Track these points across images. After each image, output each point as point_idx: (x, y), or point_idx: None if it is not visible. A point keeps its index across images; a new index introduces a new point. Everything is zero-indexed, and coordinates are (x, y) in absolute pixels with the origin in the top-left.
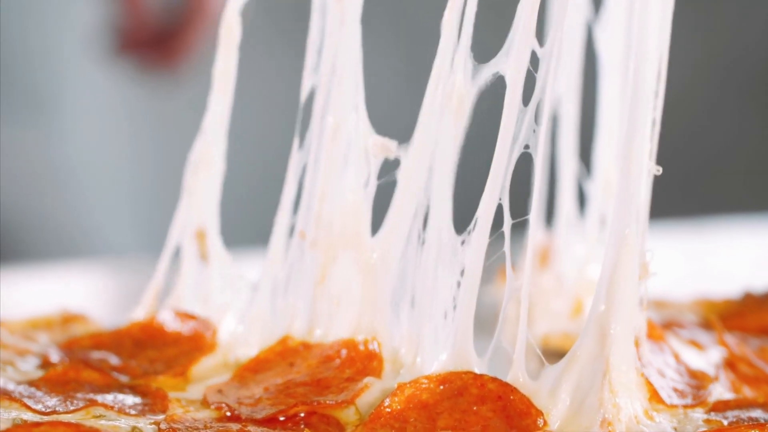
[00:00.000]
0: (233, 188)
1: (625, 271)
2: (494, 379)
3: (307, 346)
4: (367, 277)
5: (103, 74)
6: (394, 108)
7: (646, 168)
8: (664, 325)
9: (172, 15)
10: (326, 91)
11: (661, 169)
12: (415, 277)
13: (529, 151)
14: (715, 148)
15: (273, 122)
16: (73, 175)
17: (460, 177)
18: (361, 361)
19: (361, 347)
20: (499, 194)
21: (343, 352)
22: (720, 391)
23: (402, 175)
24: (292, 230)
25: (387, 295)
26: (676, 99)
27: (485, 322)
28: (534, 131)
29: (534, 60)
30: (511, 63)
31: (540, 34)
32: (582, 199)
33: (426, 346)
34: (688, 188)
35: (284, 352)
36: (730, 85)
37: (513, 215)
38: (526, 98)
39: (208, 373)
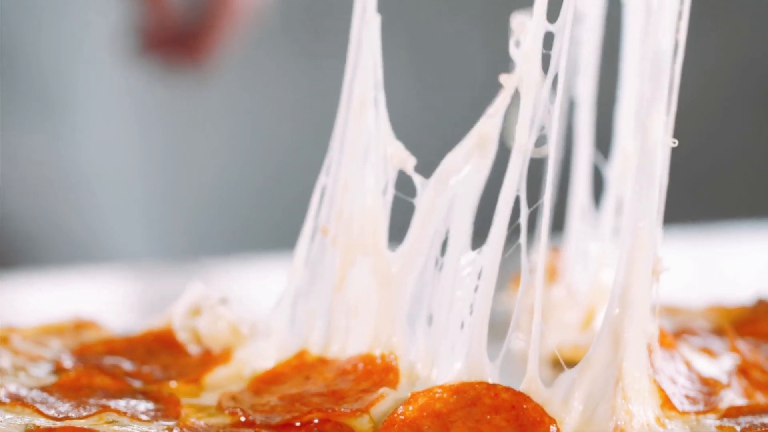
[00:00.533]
0: (246, 192)
1: (639, 269)
2: (507, 389)
3: (323, 361)
4: (384, 290)
5: (117, 77)
6: (403, 109)
7: (663, 140)
8: (676, 333)
9: (195, 13)
10: (350, 80)
11: (677, 141)
12: (432, 294)
13: (545, 132)
14: (726, 153)
15: (286, 128)
16: (85, 179)
17: None
18: (378, 374)
19: (379, 361)
20: (518, 184)
21: (360, 366)
22: (732, 397)
23: (420, 205)
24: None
25: (404, 310)
26: (687, 105)
27: (499, 329)
28: (548, 111)
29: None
30: (523, 46)
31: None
32: (596, 195)
33: (442, 361)
34: (699, 193)
35: (300, 366)
36: (742, 91)
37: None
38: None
39: (222, 383)
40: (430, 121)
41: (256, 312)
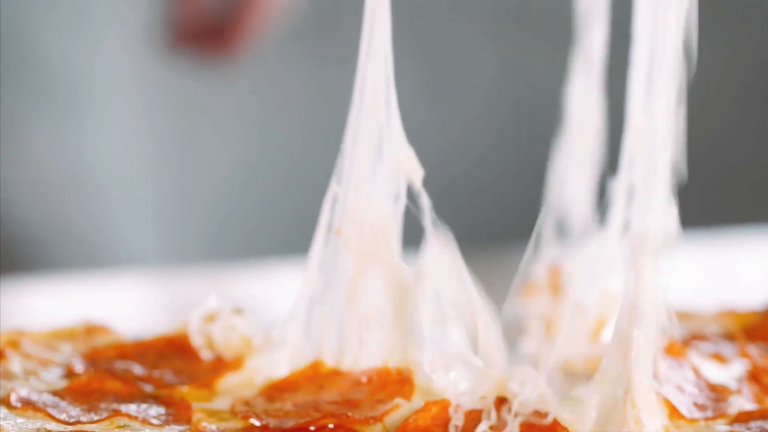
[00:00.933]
0: (258, 195)
1: (647, 279)
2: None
3: (337, 373)
4: (398, 302)
5: (128, 79)
6: (413, 112)
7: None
8: (687, 338)
9: (227, 5)
10: (362, 78)
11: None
12: (444, 306)
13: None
14: (738, 157)
15: (298, 132)
16: (97, 183)
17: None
18: (393, 386)
19: (394, 373)
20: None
21: (375, 378)
22: (741, 402)
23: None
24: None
25: (418, 322)
26: (700, 108)
27: (511, 336)
28: None
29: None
30: None
31: None
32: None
33: (456, 375)
34: (711, 198)
35: (314, 377)
36: (756, 95)
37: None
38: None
39: (234, 389)
40: (439, 123)
41: (269, 317)
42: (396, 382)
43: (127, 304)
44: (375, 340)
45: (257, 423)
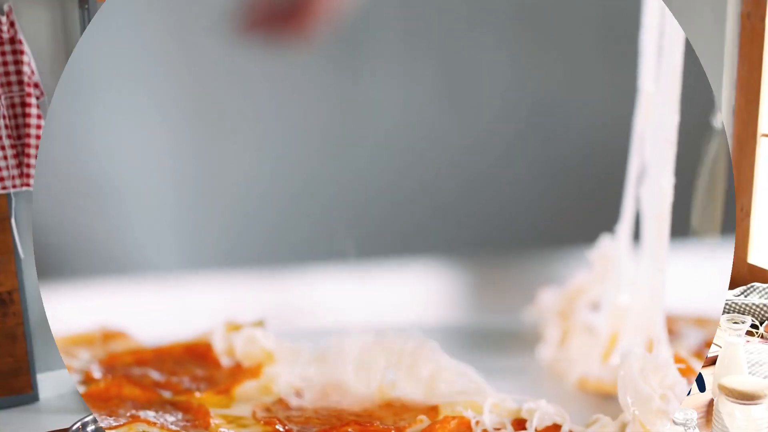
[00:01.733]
0: (276, 203)
1: (654, 303)
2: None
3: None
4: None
5: (147, 86)
6: (432, 117)
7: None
8: (702, 344)
9: None
10: None
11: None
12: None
13: None
14: None
15: (317, 140)
16: (114, 190)
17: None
18: (419, 411)
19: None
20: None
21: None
22: None
23: None
24: None
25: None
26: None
27: (526, 341)
28: None
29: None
30: None
31: None
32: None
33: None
34: (731, 204)
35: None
36: None
37: (550, 230)
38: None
39: (252, 395)
40: (455, 128)
41: (288, 325)
42: (422, 409)
43: (144, 311)
44: (399, 373)
45: (281, 429)
